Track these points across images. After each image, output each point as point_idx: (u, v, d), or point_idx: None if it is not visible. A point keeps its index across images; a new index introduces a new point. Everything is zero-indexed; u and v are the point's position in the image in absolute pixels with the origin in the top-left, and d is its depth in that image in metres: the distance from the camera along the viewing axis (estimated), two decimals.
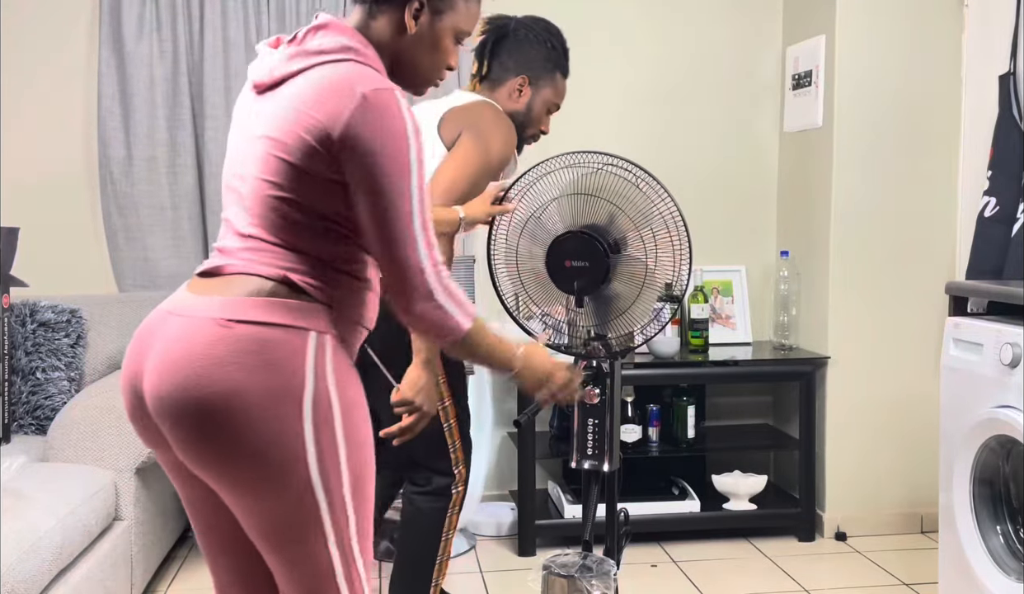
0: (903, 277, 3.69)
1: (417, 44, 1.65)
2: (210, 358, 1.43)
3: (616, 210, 2.23)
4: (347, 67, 1.53)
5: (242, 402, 1.42)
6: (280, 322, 1.46)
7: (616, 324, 2.27)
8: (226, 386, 1.42)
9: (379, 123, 1.47)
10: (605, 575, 2.19)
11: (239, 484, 1.46)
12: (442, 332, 1.55)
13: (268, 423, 1.43)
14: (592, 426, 2.26)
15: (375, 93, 1.49)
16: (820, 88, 3.70)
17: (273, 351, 1.44)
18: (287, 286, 1.50)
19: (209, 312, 1.46)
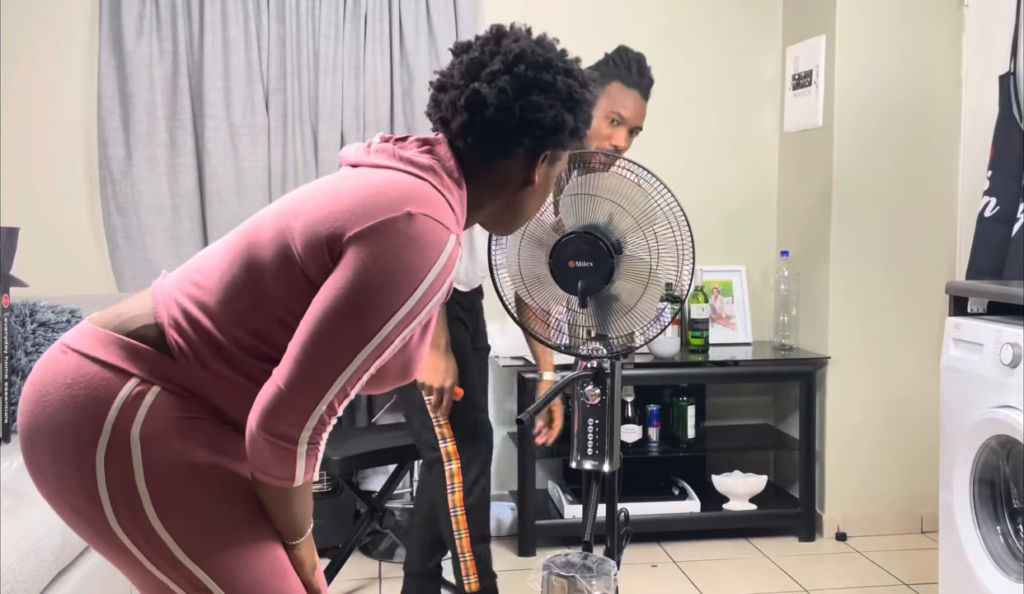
0: (903, 277, 3.69)
1: (532, 194, 1.52)
2: (36, 386, 1.38)
3: (618, 210, 2.23)
4: (412, 181, 1.37)
5: (43, 437, 1.36)
6: (104, 360, 1.35)
7: (617, 324, 2.27)
8: (40, 418, 1.36)
9: (405, 248, 1.29)
10: (605, 575, 2.18)
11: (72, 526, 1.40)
12: (272, 471, 1.32)
13: (67, 461, 1.34)
14: (592, 426, 2.25)
15: (425, 219, 1.31)
16: (820, 88, 3.70)
17: (81, 388, 1.33)
18: (159, 333, 1.37)
19: (67, 336, 1.41)
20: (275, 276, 1.35)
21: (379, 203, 1.31)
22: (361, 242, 1.29)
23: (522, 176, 1.48)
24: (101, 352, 1.35)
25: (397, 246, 1.29)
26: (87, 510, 1.34)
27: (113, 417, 1.32)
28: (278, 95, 3.67)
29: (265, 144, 3.68)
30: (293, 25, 3.66)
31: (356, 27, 3.67)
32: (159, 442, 1.33)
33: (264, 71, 3.67)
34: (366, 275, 1.28)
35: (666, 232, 2.22)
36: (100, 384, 1.33)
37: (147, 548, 1.34)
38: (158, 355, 1.36)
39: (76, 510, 1.36)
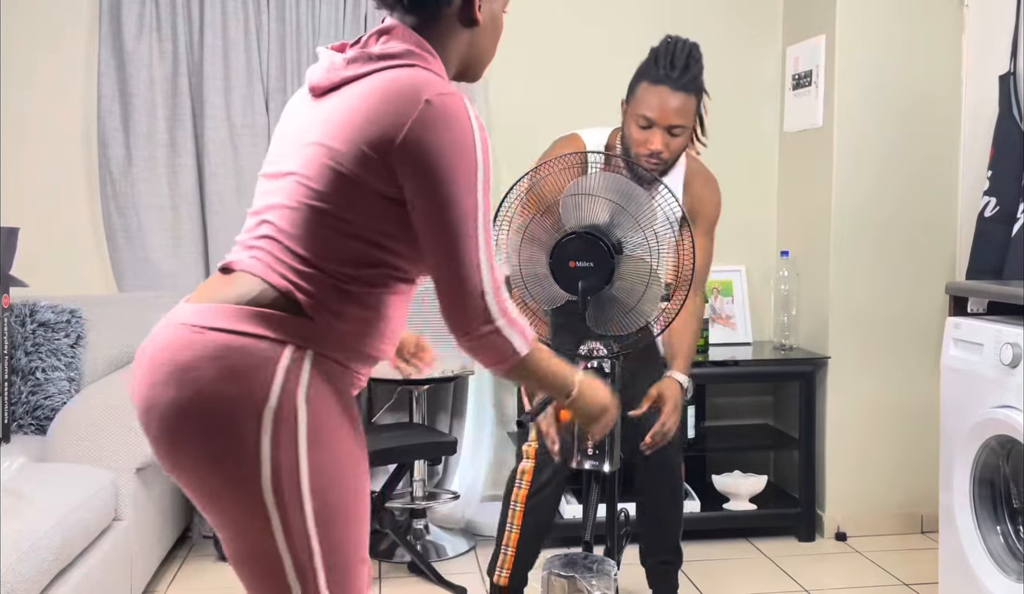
0: (903, 277, 3.69)
1: (483, 33, 1.59)
2: (176, 365, 1.40)
3: (618, 209, 2.22)
4: (411, 72, 1.46)
5: (198, 410, 1.38)
6: (253, 332, 1.39)
7: (617, 325, 2.27)
8: (188, 392, 1.38)
9: (445, 131, 1.40)
10: (605, 575, 2.18)
11: (200, 495, 1.44)
12: (499, 358, 1.48)
13: (224, 433, 1.38)
14: None
15: (440, 98, 1.41)
16: (820, 88, 3.70)
17: (238, 360, 1.38)
18: (286, 298, 1.43)
19: (187, 318, 1.43)
20: (349, 207, 1.43)
21: (399, 107, 1.40)
22: (409, 148, 1.40)
23: (468, 19, 1.56)
24: (247, 325, 1.40)
25: (438, 130, 1.40)
26: (237, 476, 1.38)
27: (280, 383, 1.38)
28: (278, 95, 3.67)
29: (265, 144, 3.68)
30: (293, 25, 3.66)
31: (356, 27, 3.67)
32: (321, 405, 1.41)
33: (264, 71, 3.67)
34: (436, 169, 1.40)
35: (666, 232, 2.22)
36: (257, 353, 1.38)
37: (285, 512, 1.39)
38: (297, 319, 1.42)
39: (223, 476, 1.39)
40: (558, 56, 3.89)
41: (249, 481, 1.38)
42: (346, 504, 1.45)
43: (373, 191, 1.43)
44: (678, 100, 2.40)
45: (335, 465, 1.43)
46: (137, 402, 1.46)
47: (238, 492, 1.39)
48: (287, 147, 1.53)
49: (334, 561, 1.44)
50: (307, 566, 1.42)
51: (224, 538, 1.48)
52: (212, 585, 3.25)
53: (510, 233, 2.29)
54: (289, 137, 1.54)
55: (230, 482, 1.39)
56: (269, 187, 1.52)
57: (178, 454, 1.42)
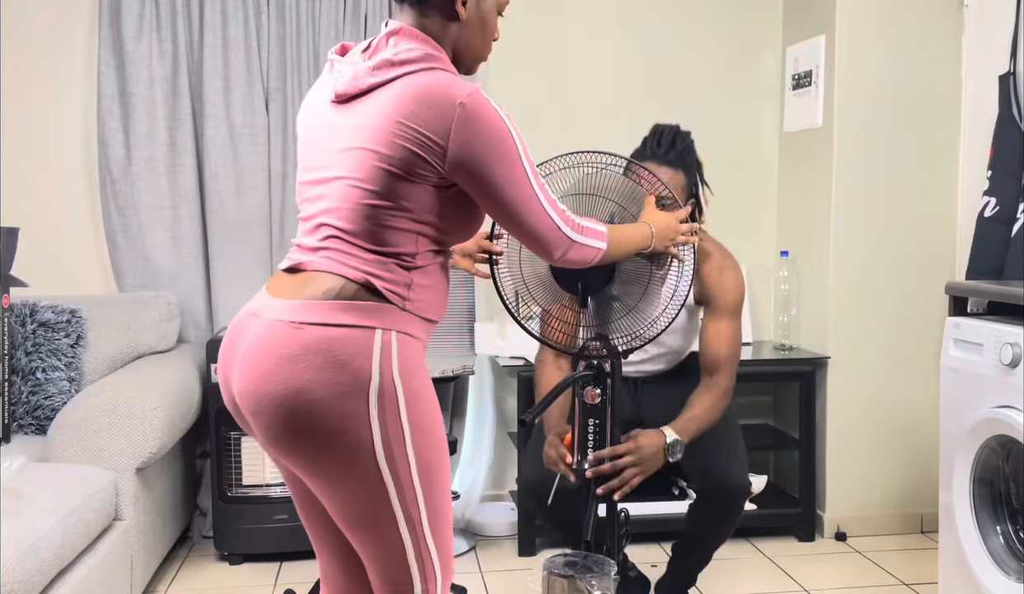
0: (903, 277, 3.69)
1: (470, 28, 1.72)
2: (282, 357, 1.56)
3: (618, 209, 2.22)
4: (436, 76, 1.62)
5: (312, 397, 1.54)
6: (347, 323, 1.57)
7: (618, 325, 2.27)
8: (296, 383, 1.54)
9: (482, 128, 1.59)
10: (605, 575, 2.18)
11: (316, 472, 1.60)
12: (588, 260, 1.80)
13: (336, 415, 1.54)
14: (593, 426, 2.26)
15: (471, 99, 1.59)
16: (820, 88, 3.70)
17: (340, 350, 1.55)
18: (365, 288, 1.61)
19: (283, 314, 1.59)
20: (405, 200, 1.61)
21: (439, 112, 1.58)
22: (457, 151, 1.59)
23: (451, 13, 1.70)
24: (341, 318, 1.57)
25: (478, 127, 1.60)
26: (354, 451, 1.56)
27: (378, 363, 1.57)
28: (278, 95, 3.67)
29: (265, 144, 3.68)
30: (293, 25, 3.66)
31: (356, 27, 3.67)
32: (411, 377, 1.60)
33: (264, 71, 3.67)
34: (485, 161, 1.60)
35: None
36: (355, 341, 1.56)
37: (397, 474, 1.59)
38: (379, 304, 1.61)
39: (341, 453, 1.56)
40: (558, 56, 3.89)
41: (365, 453, 1.57)
42: (441, 453, 1.66)
43: (424, 184, 1.60)
44: (664, 174, 2.46)
45: (429, 423, 1.63)
46: (241, 393, 1.61)
47: (355, 465, 1.57)
48: (324, 154, 1.67)
49: (432, 505, 1.65)
50: (414, 516, 1.62)
51: (336, 509, 1.64)
52: (212, 585, 3.25)
53: None
54: (323, 144, 1.68)
55: (348, 457, 1.56)
56: (317, 193, 1.67)
57: (294, 439, 1.58)
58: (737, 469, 2.67)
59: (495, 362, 3.82)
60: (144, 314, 3.45)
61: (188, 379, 3.27)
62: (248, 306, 1.70)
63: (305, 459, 1.60)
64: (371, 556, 1.67)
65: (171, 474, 3.32)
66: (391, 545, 1.63)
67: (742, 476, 2.68)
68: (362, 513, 1.62)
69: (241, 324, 1.67)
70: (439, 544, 1.68)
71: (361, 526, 1.64)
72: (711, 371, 2.60)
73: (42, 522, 2.29)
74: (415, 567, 1.66)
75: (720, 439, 2.65)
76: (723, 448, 2.67)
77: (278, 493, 3.39)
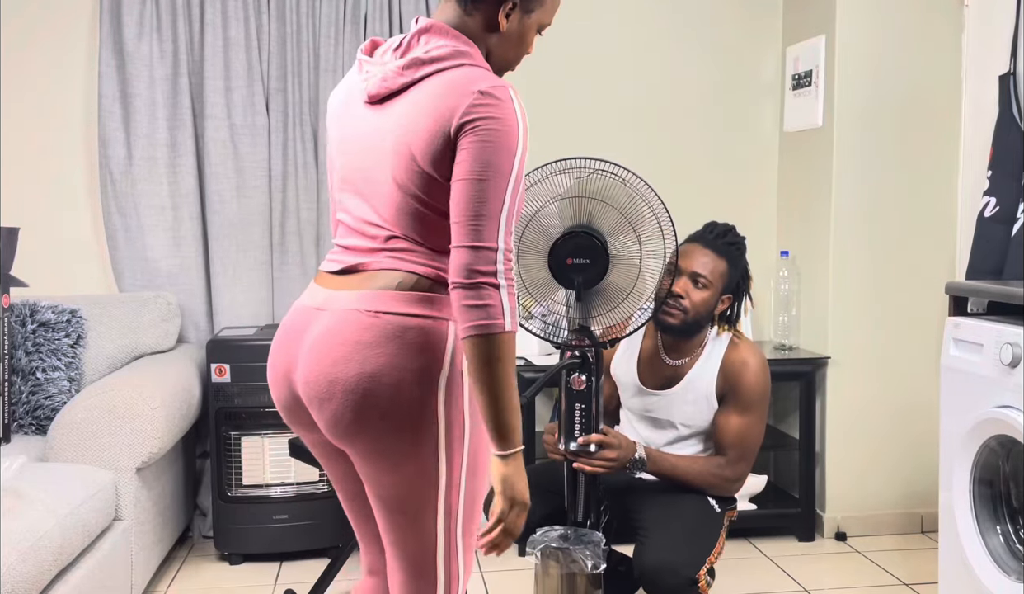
0: (903, 277, 3.69)
1: (507, 40, 1.73)
2: (360, 343, 1.59)
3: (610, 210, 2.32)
4: (463, 71, 1.62)
5: (387, 381, 1.57)
6: (423, 313, 1.60)
7: (603, 317, 2.39)
8: (373, 367, 1.57)
9: (495, 110, 1.56)
10: (595, 545, 2.32)
11: (377, 457, 1.62)
12: (486, 316, 1.53)
13: (408, 400, 1.58)
14: (579, 410, 2.37)
15: (492, 87, 1.58)
16: (820, 88, 3.70)
17: (415, 338, 1.58)
18: (435, 282, 1.63)
19: (356, 304, 1.62)
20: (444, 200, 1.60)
21: (456, 99, 1.57)
22: (464, 124, 1.57)
23: (492, 24, 1.70)
24: (416, 308, 1.60)
25: (488, 110, 1.56)
26: (419, 435, 1.59)
27: (450, 354, 1.60)
28: (278, 95, 3.67)
29: (265, 144, 3.68)
30: (293, 25, 3.66)
31: (356, 27, 3.67)
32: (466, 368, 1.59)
33: (264, 71, 3.67)
34: (483, 139, 1.56)
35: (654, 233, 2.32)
36: (430, 331, 1.59)
37: (451, 464, 1.62)
38: (446, 297, 1.60)
39: (406, 437, 1.59)
40: (558, 55, 3.89)
41: (428, 439, 1.59)
42: (487, 451, 1.64)
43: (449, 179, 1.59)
44: (705, 255, 2.56)
45: (479, 421, 1.62)
46: (310, 381, 1.62)
47: (417, 449, 1.60)
48: (364, 156, 1.68)
49: (470, 502, 1.67)
50: (453, 511, 1.65)
51: (384, 494, 1.65)
52: (212, 585, 3.25)
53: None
54: (361, 144, 1.69)
55: (413, 442, 1.59)
56: (362, 194, 1.70)
57: (364, 422, 1.60)
58: (673, 558, 2.32)
59: None
60: (144, 314, 3.45)
61: (188, 379, 3.28)
62: (305, 302, 1.72)
63: (370, 443, 1.61)
64: (401, 548, 1.67)
65: (171, 474, 3.32)
66: (425, 537, 1.65)
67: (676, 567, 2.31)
68: (409, 500, 1.63)
69: (304, 319, 1.69)
70: (467, 545, 1.69)
71: (402, 513, 1.64)
72: (717, 454, 2.59)
73: (42, 522, 2.30)
74: (441, 567, 1.67)
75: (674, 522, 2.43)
76: (669, 533, 2.39)
77: (278, 493, 3.39)
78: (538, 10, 1.73)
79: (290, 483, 3.40)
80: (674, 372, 2.60)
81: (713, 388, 2.57)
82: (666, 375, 2.61)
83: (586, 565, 2.31)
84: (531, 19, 1.73)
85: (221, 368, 3.34)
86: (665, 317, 2.52)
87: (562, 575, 2.35)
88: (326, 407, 1.61)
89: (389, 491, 1.64)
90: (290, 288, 3.74)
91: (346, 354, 1.59)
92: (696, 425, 2.60)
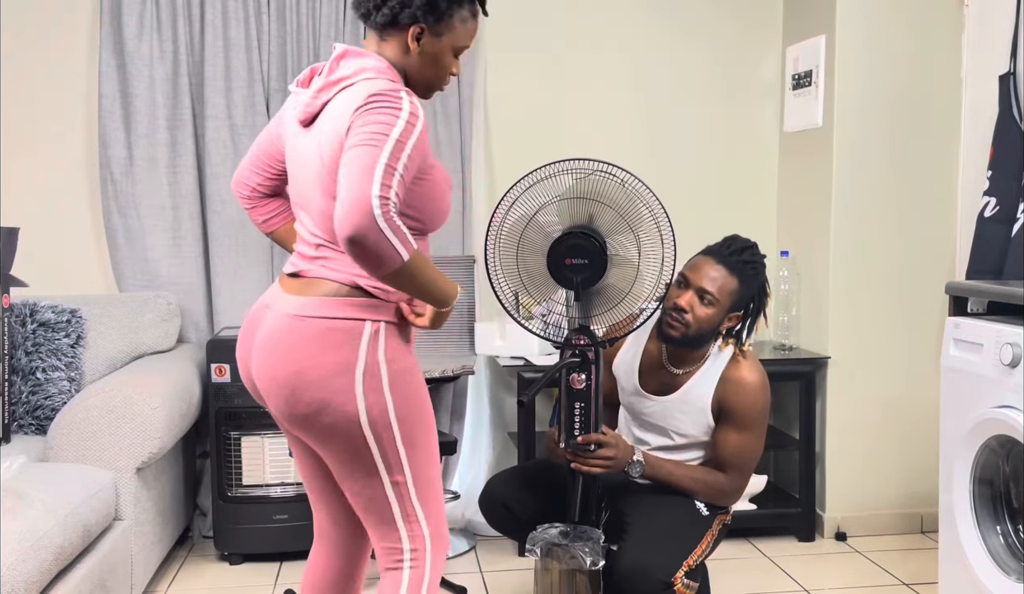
0: (903, 277, 3.69)
1: (420, 62, 1.89)
2: (286, 344, 1.83)
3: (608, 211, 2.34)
4: (362, 84, 1.80)
5: (313, 375, 1.80)
6: (342, 316, 1.82)
7: (602, 317, 2.41)
8: (297, 365, 1.81)
9: (377, 104, 1.73)
10: (594, 542, 2.34)
11: (318, 442, 1.87)
12: (381, 259, 1.66)
13: (329, 391, 1.80)
14: (579, 409, 2.39)
15: (383, 90, 1.76)
16: (820, 88, 3.70)
17: (334, 337, 1.81)
18: (354, 288, 1.84)
19: (288, 309, 1.86)
20: None
21: (355, 103, 1.76)
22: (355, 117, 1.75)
23: (404, 46, 1.89)
24: (337, 312, 1.83)
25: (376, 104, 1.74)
26: (345, 420, 1.82)
27: (365, 348, 1.82)
28: (279, 96, 3.67)
29: None
30: (293, 25, 3.66)
31: (356, 28, 3.67)
32: (396, 358, 1.85)
33: (265, 72, 3.67)
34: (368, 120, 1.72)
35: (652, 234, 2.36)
36: (346, 330, 1.82)
37: (381, 442, 1.84)
38: (366, 299, 1.84)
39: (335, 423, 1.82)
40: (556, 54, 3.89)
41: (352, 423, 1.82)
42: (425, 427, 1.90)
43: None
44: (716, 271, 2.50)
45: (412, 399, 1.87)
46: (258, 377, 1.88)
47: (347, 433, 1.83)
48: (301, 174, 1.90)
49: (418, 473, 1.89)
50: (399, 480, 1.88)
51: (338, 473, 1.90)
52: (212, 585, 3.25)
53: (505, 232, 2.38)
54: (298, 165, 1.91)
55: (339, 426, 1.82)
56: (303, 209, 1.92)
57: (297, 413, 1.84)
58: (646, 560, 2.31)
59: (495, 362, 3.82)
60: (144, 314, 3.45)
61: (188, 379, 3.28)
62: (263, 298, 1.97)
63: (308, 430, 1.86)
64: (365, 516, 1.93)
65: (171, 474, 3.32)
66: (381, 506, 1.89)
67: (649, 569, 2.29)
68: (356, 475, 1.88)
69: (256, 315, 1.94)
70: (427, 510, 1.92)
71: (356, 486, 1.90)
72: (716, 469, 2.58)
73: (42, 522, 2.30)
74: (403, 529, 1.91)
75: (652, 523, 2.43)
76: (647, 534, 2.40)
77: (278, 493, 3.39)
78: (448, 33, 1.88)
79: (290, 483, 3.40)
80: (673, 380, 2.59)
81: (708, 403, 2.54)
82: (665, 382, 2.60)
83: (585, 562, 2.32)
84: (442, 42, 1.88)
85: (221, 368, 3.34)
86: (667, 328, 2.50)
87: (562, 572, 2.36)
88: (271, 401, 1.87)
89: (339, 470, 1.90)
90: None
91: (280, 354, 1.84)
92: (688, 436, 2.58)
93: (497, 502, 2.60)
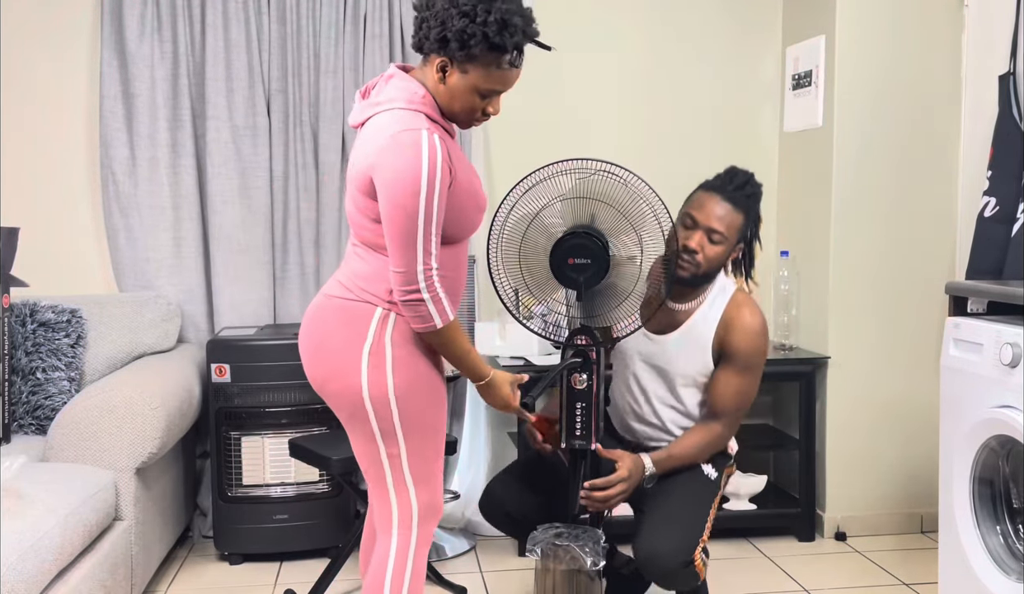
0: (903, 277, 3.69)
1: (448, 94, 2.02)
2: (316, 319, 2.13)
3: (611, 211, 2.34)
4: (388, 116, 1.98)
5: (325, 346, 2.08)
6: (355, 298, 2.06)
7: (603, 317, 2.41)
8: (319, 337, 2.10)
9: (395, 157, 1.91)
10: (595, 542, 2.35)
11: (329, 401, 2.11)
12: (423, 319, 1.99)
13: (337, 361, 2.05)
14: (580, 409, 2.39)
15: (400, 134, 1.92)
16: (820, 88, 3.70)
17: (346, 316, 2.06)
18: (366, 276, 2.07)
19: (325, 289, 2.15)
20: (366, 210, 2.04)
21: (373, 145, 1.97)
22: (374, 169, 1.97)
23: (436, 74, 2.01)
24: (356, 294, 2.06)
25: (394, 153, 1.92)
26: (349, 388, 2.03)
27: (374, 328, 2.04)
28: (279, 96, 3.67)
29: (266, 145, 3.68)
30: (294, 26, 3.66)
31: (356, 28, 3.67)
32: (402, 343, 2.05)
33: (265, 72, 3.67)
34: (386, 181, 1.94)
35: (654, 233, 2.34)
36: (360, 309, 2.05)
37: (379, 414, 2.03)
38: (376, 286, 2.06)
39: (342, 388, 2.05)
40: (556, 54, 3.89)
41: (356, 394, 2.03)
42: (424, 411, 2.08)
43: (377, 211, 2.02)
44: (723, 209, 2.52)
45: (415, 382, 2.05)
46: (299, 346, 2.16)
47: (350, 402, 2.05)
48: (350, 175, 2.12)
49: (414, 451, 2.07)
50: (394, 453, 2.06)
51: (352, 444, 2.13)
52: (212, 585, 3.25)
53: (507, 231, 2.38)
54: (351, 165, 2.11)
55: (345, 395, 2.05)
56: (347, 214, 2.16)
57: (316, 375, 2.11)
58: (664, 545, 2.38)
59: (495, 362, 3.82)
60: (144, 314, 3.45)
61: (188, 379, 3.28)
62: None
63: (323, 394, 2.11)
64: (365, 474, 2.13)
65: (171, 474, 3.32)
66: (377, 471, 2.09)
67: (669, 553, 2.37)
68: (356, 438, 2.10)
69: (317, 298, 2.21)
70: (420, 487, 2.09)
71: (358, 447, 2.11)
72: (712, 416, 2.60)
73: (42, 522, 2.30)
74: (394, 497, 2.09)
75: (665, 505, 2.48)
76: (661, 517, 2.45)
77: (278, 493, 3.39)
78: (472, 72, 1.97)
79: (290, 483, 3.40)
80: (673, 318, 2.59)
81: (709, 343, 2.55)
82: (667, 321, 2.59)
83: (586, 562, 2.32)
84: (467, 79, 1.98)
85: (221, 368, 3.34)
86: (678, 269, 2.49)
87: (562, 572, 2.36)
88: (305, 368, 2.15)
89: (350, 434, 2.12)
90: (290, 288, 3.75)
91: (309, 327, 2.14)
92: (690, 376, 2.59)
93: (498, 507, 2.61)
